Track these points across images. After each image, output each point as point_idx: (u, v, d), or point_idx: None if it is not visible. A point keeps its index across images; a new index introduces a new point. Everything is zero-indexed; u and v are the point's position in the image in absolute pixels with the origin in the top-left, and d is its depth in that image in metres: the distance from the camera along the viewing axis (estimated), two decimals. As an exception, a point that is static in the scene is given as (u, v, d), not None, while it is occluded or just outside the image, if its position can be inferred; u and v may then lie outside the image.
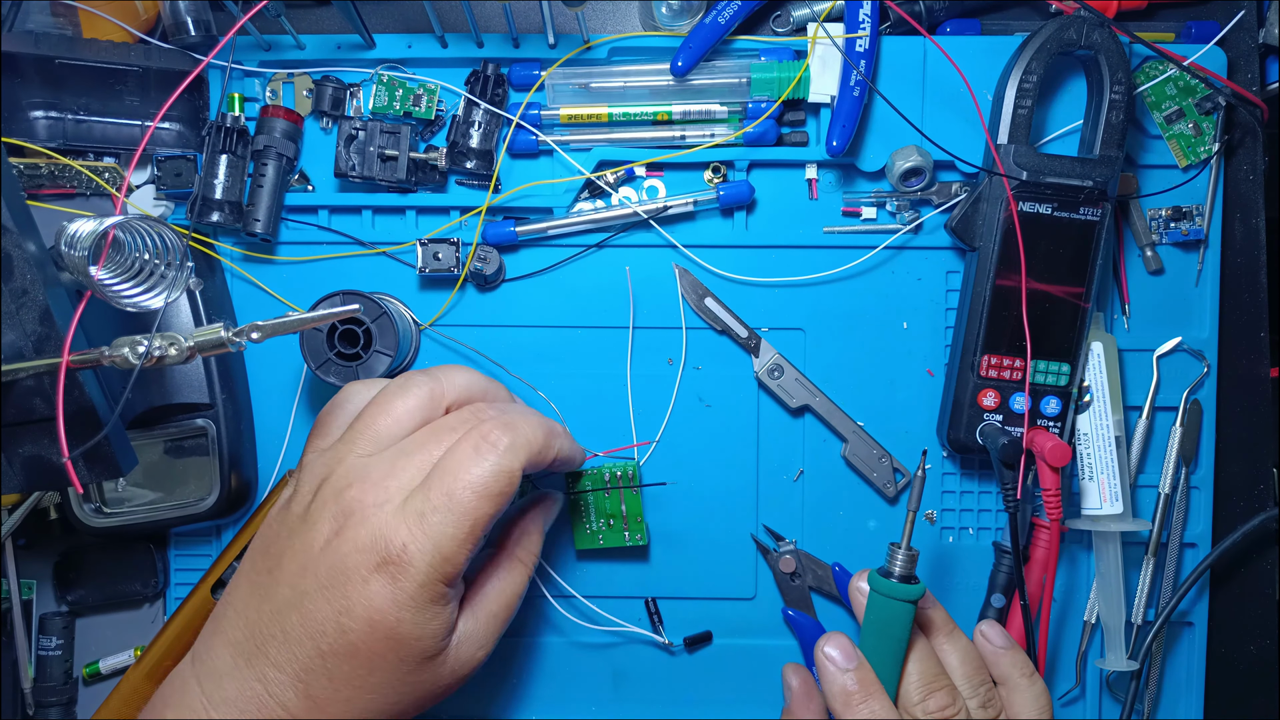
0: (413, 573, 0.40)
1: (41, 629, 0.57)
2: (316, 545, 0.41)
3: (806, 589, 0.57)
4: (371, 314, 0.51)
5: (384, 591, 0.40)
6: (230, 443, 0.54)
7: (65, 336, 0.39)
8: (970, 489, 0.57)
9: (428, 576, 0.40)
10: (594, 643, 0.57)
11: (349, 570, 0.40)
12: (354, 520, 0.41)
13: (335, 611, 0.40)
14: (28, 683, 0.56)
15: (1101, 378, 0.54)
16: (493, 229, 0.55)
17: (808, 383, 0.56)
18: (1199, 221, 0.56)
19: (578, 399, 0.57)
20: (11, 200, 0.40)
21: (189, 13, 0.53)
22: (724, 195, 0.55)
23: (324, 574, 0.40)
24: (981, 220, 0.53)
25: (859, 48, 0.53)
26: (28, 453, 0.41)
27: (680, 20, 0.55)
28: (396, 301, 0.56)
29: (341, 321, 0.51)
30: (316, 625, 0.40)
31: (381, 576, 0.40)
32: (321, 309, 0.51)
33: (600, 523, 0.54)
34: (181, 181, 0.54)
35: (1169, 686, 0.57)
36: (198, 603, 0.53)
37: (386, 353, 0.52)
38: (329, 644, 0.40)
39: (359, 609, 0.40)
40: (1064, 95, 0.56)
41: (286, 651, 0.41)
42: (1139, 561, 0.57)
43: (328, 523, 0.41)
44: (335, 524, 0.41)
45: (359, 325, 0.52)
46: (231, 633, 0.42)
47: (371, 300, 0.51)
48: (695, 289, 0.57)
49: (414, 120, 0.55)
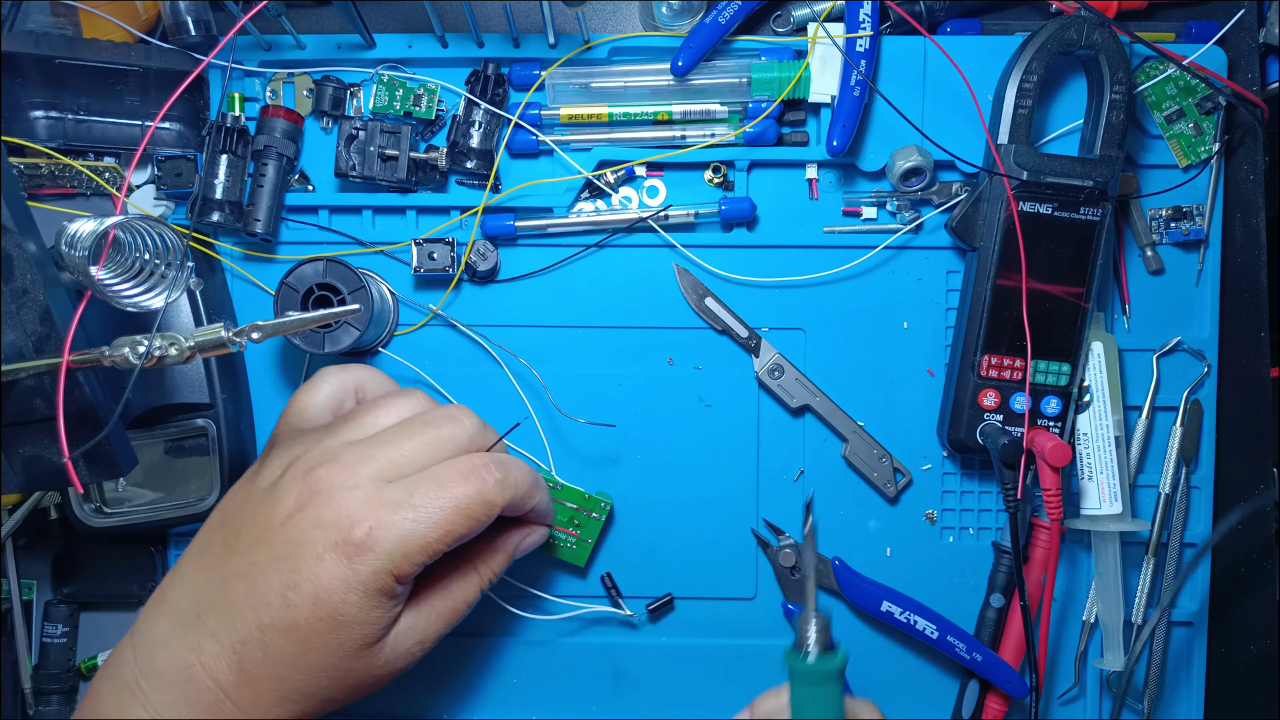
0: (370, 558, 0.40)
1: (47, 616, 0.57)
2: (277, 519, 0.41)
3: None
4: (350, 285, 0.51)
5: (336, 570, 0.40)
6: (230, 443, 0.54)
7: (65, 336, 0.39)
8: (970, 489, 0.57)
9: (383, 566, 0.40)
10: (595, 641, 0.57)
11: (304, 544, 0.40)
12: (319, 499, 0.41)
13: (283, 584, 0.40)
14: (28, 683, 0.56)
15: (1101, 378, 0.54)
16: (492, 220, 0.55)
17: (808, 383, 0.56)
18: (1199, 221, 0.56)
19: (577, 399, 0.57)
20: (12, 200, 0.40)
21: (189, 13, 0.53)
22: (725, 210, 0.55)
23: (278, 546, 0.41)
24: (982, 220, 0.53)
25: (859, 48, 0.53)
26: (28, 453, 0.41)
27: (680, 20, 0.55)
28: (382, 282, 0.56)
29: (317, 287, 0.51)
30: (261, 596, 0.40)
31: (337, 555, 0.40)
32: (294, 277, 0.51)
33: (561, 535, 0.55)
34: (182, 181, 0.54)
35: (1169, 686, 0.57)
36: None
37: (356, 326, 0.51)
38: (270, 616, 0.40)
39: (306, 584, 0.40)
40: (1064, 95, 0.56)
41: (226, 622, 0.40)
42: (1139, 561, 0.57)
43: (292, 497, 0.41)
44: (299, 500, 0.41)
45: (335, 294, 0.51)
46: (175, 601, 0.42)
47: (353, 272, 0.51)
48: (695, 289, 0.57)
49: (414, 120, 0.55)
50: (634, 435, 0.57)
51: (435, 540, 0.41)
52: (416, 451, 0.43)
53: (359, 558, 0.40)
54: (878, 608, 0.55)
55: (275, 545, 0.41)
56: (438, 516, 0.41)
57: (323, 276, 0.51)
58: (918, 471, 0.57)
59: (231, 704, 0.40)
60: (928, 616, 0.55)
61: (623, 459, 0.57)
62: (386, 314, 0.55)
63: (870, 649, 0.57)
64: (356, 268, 0.52)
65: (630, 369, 0.57)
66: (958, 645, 0.54)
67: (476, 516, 0.42)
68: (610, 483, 0.57)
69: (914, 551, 0.57)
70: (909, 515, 0.57)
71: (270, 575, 0.40)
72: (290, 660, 0.40)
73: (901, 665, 0.58)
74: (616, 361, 0.57)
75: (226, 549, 0.42)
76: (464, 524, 0.42)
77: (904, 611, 0.55)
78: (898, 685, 0.57)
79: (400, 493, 0.41)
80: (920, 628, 0.55)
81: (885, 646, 0.58)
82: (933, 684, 0.58)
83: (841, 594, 0.56)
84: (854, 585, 0.56)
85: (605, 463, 0.57)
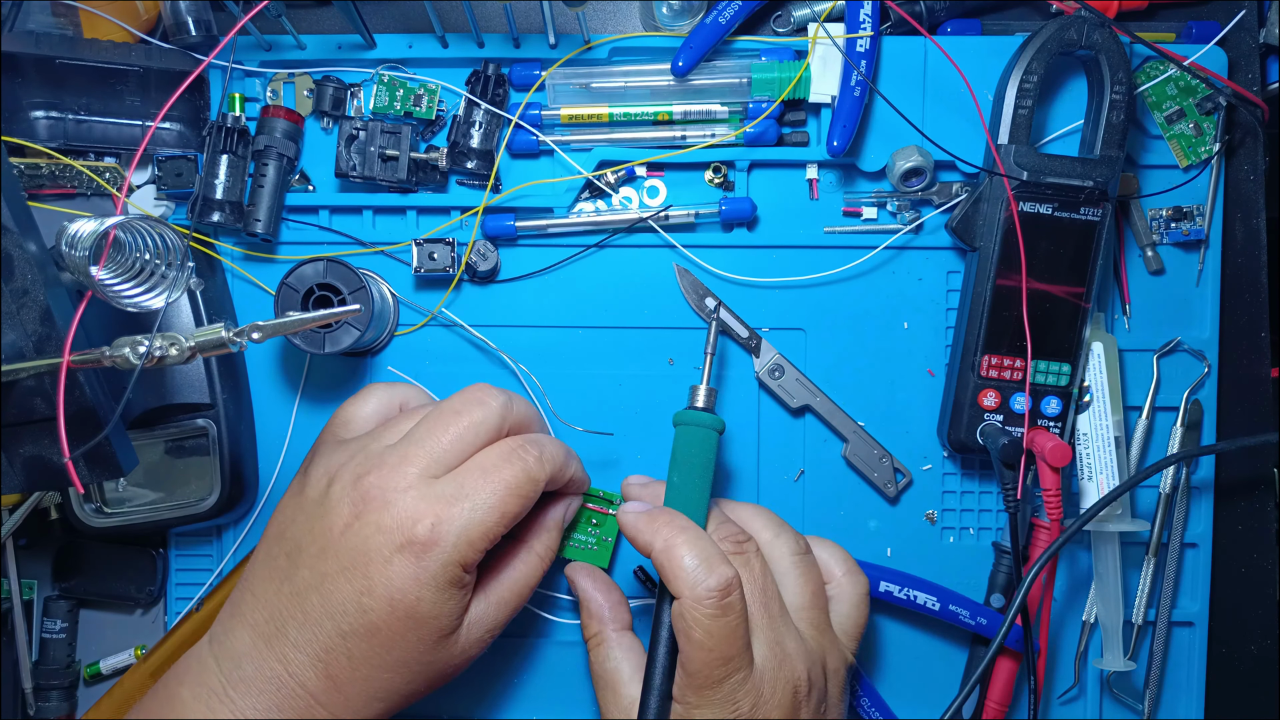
0: (437, 553, 0.41)
1: (46, 611, 0.57)
2: (336, 529, 0.43)
3: None
4: (350, 286, 0.51)
5: (406, 570, 0.41)
6: (231, 443, 0.54)
7: (66, 336, 0.39)
8: (970, 489, 0.57)
9: (450, 558, 0.42)
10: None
11: (370, 551, 0.42)
12: (375, 505, 0.42)
13: (356, 592, 0.41)
14: (28, 682, 0.56)
15: (1102, 378, 0.54)
16: (492, 221, 0.55)
17: (808, 383, 0.56)
18: (1199, 221, 0.56)
19: (577, 399, 0.57)
20: (12, 200, 0.40)
21: (189, 13, 0.53)
22: (725, 210, 0.55)
23: (345, 556, 0.42)
24: (982, 220, 0.53)
25: (859, 48, 0.53)
26: (28, 453, 0.41)
27: (681, 20, 0.55)
28: (382, 281, 0.56)
29: (318, 287, 0.52)
30: (337, 605, 0.42)
31: (404, 556, 0.41)
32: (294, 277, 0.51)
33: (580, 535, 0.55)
34: (182, 181, 0.54)
35: (1169, 686, 0.57)
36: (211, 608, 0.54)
37: (356, 327, 0.51)
38: (349, 624, 0.42)
39: (380, 588, 0.41)
40: (1064, 95, 0.56)
41: (306, 632, 0.42)
42: (1139, 561, 0.57)
43: (346, 507, 0.43)
44: (355, 508, 0.43)
45: (335, 294, 0.52)
46: (250, 615, 0.43)
47: (354, 272, 0.51)
48: (695, 289, 0.57)
49: (415, 120, 0.55)
50: (634, 435, 0.57)
51: (494, 524, 0.43)
52: (454, 442, 0.44)
53: (426, 554, 0.41)
54: (876, 589, 0.55)
55: (341, 554, 0.42)
56: (492, 501, 0.43)
57: (323, 277, 0.51)
58: (918, 472, 0.57)
59: (321, 708, 0.42)
60: (927, 590, 0.55)
61: (623, 459, 0.57)
62: (387, 314, 0.55)
63: (876, 635, 0.57)
64: (357, 268, 0.52)
65: (630, 369, 0.57)
66: (961, 613, 0.54)
67: (526, 494, 0.44)
68: (611, 483, 0.57)
69: (914, 552, 0.57)
70: (909, 515, 0.57)
71: (342, 584, 0.42)
72: (375, 661, 0.42)
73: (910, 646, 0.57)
74: (617, 361, 0.57)
75: (291, 562, 0.43)
76: (516, 503, 0.43)
77: (903, 589, 0.55)
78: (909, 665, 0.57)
79: (451, 486, 0.43)
80: (921, 602, 0.55)
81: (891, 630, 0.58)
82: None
83: None
84: None
85: (605, 463, 0.57)
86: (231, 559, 0.57)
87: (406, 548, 0.41)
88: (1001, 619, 0.54)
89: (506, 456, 0.44)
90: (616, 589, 0.52)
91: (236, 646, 0.43)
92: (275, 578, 0.44)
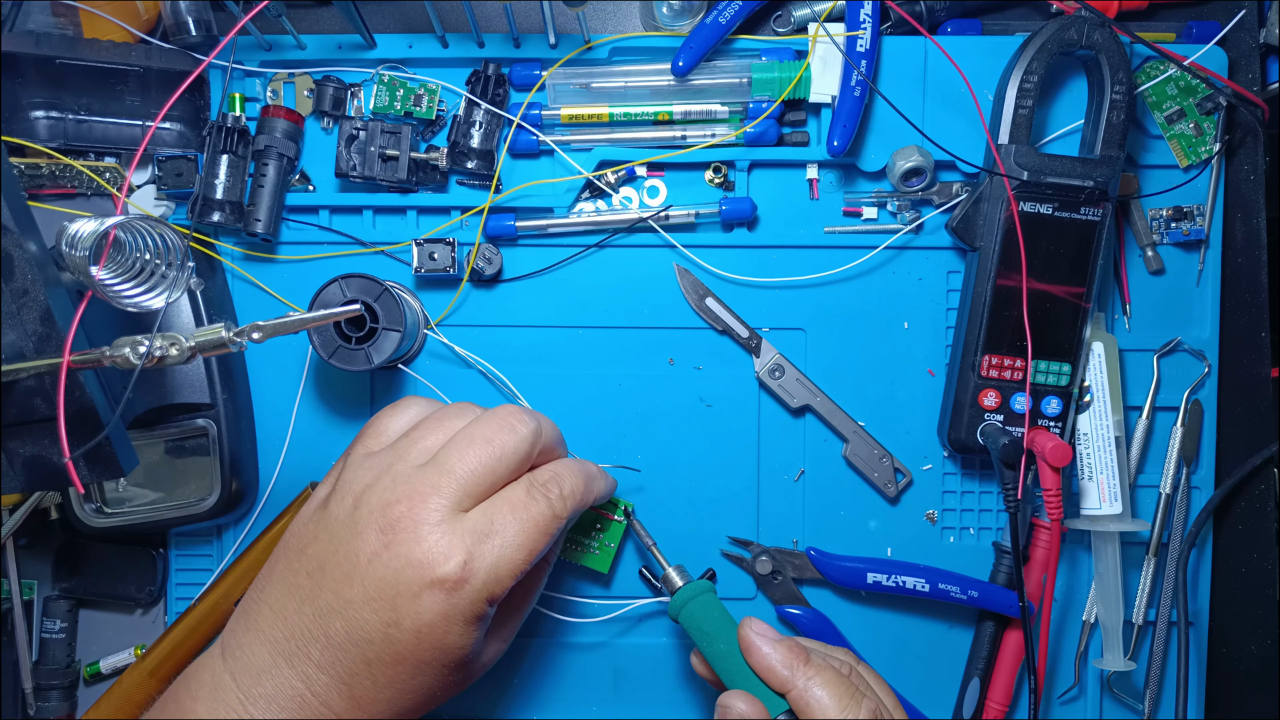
0: (467, 590, 0.41)
1: (46, 611, 0.57)
2: (363, 556, 0.42)
3: (791, 583, 0.57)
4: (372, 293, 0.51)
5: (436, 607, 0.41)
6: (231, 443, 0.54)
7: (66, 336, 0.39)
8: (970, 489, 0.57)
9: (480, 595, 0.41)
10: (595, 641, 0.57)
11: (399, 584, 0.41)
12: (404, 537, 0.41)
13: (383, 623, 0.41)
14: (29, 682, 0.56)
15: (1102, 378, 0.54)
16: (492, 221, 0.55)
17: (808, 383, 0.56)
18: (1200, 221, 0.56)
19: (578, 399, 0.57)
20: (12, 200, 0.40)
21: (190, 13, 0.53)
22: (725, 210, 0.55)
23: (371, 586, 0.41)
24: (982, 220, 0.53)
25: (860, 48, 0.53)
26: (28, 453, 0.41)
27: (681, 20, 0.55)
28: (399, 286, 0.56)
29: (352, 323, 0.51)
30: (363, 634, 0.41)
31: (434, 592, 0.41)
32: (318, 304, 0.51)
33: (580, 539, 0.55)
34: (182, 181, 0.54)
35: (1169, 686, 0.57)
36: (209, 606, 0.54)
37: (394, 328, 0.51)
38: (375, 653, 0.41)
39: (407, 621, 0.41)
40: (1065, 95, 0.56)
41: (330, 655, 0.41)
42: (1139, 561, 0.57)
43: (374, 535, 0.42)
44: (383, 537, 0.42)
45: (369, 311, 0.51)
46: (268, 630, 0.43)
47: (370, 280, 0.51)
48: (696, 289, 0.57)
49: (415, 120, 0.55)
50: (634, 435, 0.57)
51: (522, 561, 0.43)
52: (483, 471, 0.43)
53: (456, 592, 0.41)
54: (864, 581, 0.55)
55: (368, 584, 0.41)
56: (521, 539, 0.43)
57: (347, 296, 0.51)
58: (918, 471, 0.57)
59: None
60: (915, 573, 0.55)
61: (623, 459, 0.57)
62: (415, 316, 0.55)
63: (868, 628, 0.57)
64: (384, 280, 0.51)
65: (631, 369, 0.57)
66: (952, 590, 0.55)
67: (551, 531, 0.44)
68: (611, 483, 0.57)
69: (915, 552, 0.57)
70: (909, 515, 0.57)
71: (367, 614, 0.41)
72: (399, 685, 0.42)
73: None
74: (617, 361, 0.57)
75: (313, 581, 0.43)
76: (543, 540, 0.43)
77: (891, 576, 0.55)
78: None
79: (481, 521, 0.42)
80: (911, 586, 0.55)
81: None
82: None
83: (826, 580, 0.56)
84: (835, 567, 0.56)
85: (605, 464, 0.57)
86: (232, 559, 0.57)
87: (437, 585, 0.41)
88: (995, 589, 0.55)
89: (532, 493, 0.44)
90: None
91: (254, 662, 0.42)
92: (296, 595, 0.43)
